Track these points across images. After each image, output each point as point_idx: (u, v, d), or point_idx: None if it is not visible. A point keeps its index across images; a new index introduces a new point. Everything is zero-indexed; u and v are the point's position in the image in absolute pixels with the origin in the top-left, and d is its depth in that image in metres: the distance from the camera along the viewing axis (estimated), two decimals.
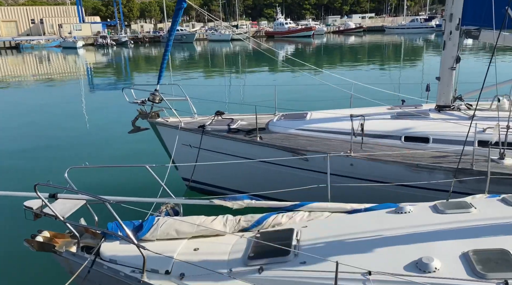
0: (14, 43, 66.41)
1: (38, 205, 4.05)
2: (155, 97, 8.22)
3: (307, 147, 6.67)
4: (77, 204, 4.12)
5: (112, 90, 25.08)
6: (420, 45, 55.43)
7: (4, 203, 8.04)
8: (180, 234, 4.01)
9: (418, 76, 25.07)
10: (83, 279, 3.74)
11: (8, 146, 12.81)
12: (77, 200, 4.12)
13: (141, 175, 9.21)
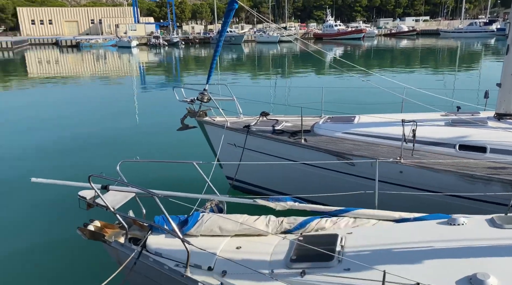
0: (75, 41, 70.67)
1: (91, 195, 4.26)
2: (204, 96, 8.37)
3: (353, 152, 6.51)
4: (127, 196, 4.28)
5: (162, 88, 25.95)
6: (478, 50, 52.52)
7: (61, 192, 8.49)
8: (224, 231, 4.05)
9: (475, 82, 23.76)
10: (130, 270, 3.87)
11: (65, 139, 13.59)
12: (127, 192, 4.28)
13: (187, 171, 9.43)
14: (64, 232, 7.13)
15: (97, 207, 4.10)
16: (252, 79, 29.57)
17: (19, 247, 6.93)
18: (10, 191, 9.42)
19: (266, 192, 8.03)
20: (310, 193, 7.36)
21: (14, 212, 8.38)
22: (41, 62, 47.02)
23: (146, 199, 4.51)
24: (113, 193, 4.27)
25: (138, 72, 36.89)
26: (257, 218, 4.16)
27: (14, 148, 12.65)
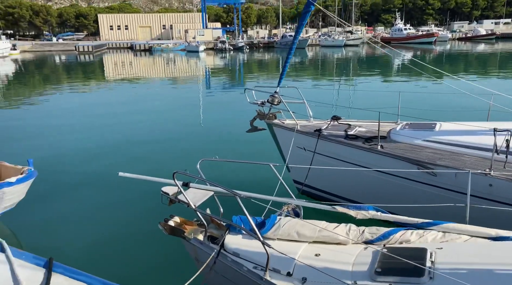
0: (147, 46, 74.94)
1: (173, 191, 4.39)
2: (274, 99, 8.36)
3: (436, 161, 6.09)
4: (206, 194, 4.35)
5: (230, 91, 26.60)
6: None
7: (142, 188, 8.90)
8: (301, 236, 3.95)
9: None
10: (210, 269, 3.91)
11: (144, 137, 14.34)
12: (206, 190, 4.35)
13: (257, 172, 9.55)
14: (146, 225, 7.42)
15: (179, 203, 4.20)
16: (320, 83, 29.16)
17: (103, 237, 7.31)
18: (98, 184, 10.07)
19: (335, 198, 7.81)
20: (384, 202, 7.02)
21: (101, 203, 8.87)
22: (118, 64, 50.47)
23: (223, 198, 4.57)
24: (194, 190, 4.36)
25: (204, 75, 38.11)
26: (336, 226, 4.01)
27: (99, 143, 13.58)
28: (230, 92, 26.49)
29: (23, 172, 6.83)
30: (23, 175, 6.73)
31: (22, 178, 6.67)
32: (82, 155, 12.25)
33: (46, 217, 8.16)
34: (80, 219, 8.10)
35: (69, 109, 20.04)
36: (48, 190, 9.44)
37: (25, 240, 7.19)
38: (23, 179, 6.70)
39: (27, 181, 6.82)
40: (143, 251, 6.78)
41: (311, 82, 29.14)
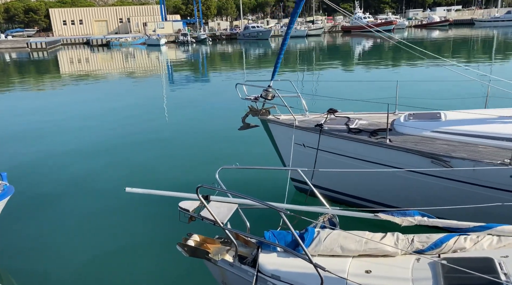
0: (105, 41, 71.73)
1: (192, 207, 3.83)
2: (268, 93, 7.87)
3: (450, 153, 5.84)
4: (231, 208, 3.82)
5: (204, 85, 25.75)
6: None
7: (153, 201, 7.78)
8: (345, 251, 3.52)
9: None
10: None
11: (119, 139, 13.40)
12: (230, 204, 3.81)
13: (266, 178, 8.97)
14: (159, 246, 6.59)
15: (202, 221, 3.65)
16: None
17: (113, 263, 6.32)
18: (83, 194, 9.15)
19: (343, 197, 7.46)
20: (400, 199, 6.73)
21: (93, 218, 7.87)
22: (74, 61, 47.83)
23: (246, 211, 4.05)
24: (215, 204, 3.81)
25: (167, 69, 36.82)
26: (383, 236, 3.60)
27: (70, 148, 12.52)
28: (204, 86, 25.66)
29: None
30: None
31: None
32: (55, 162, 11.24)
33: (27, 238, 7.24)
34: (67, 241, 7.12)
35: (29, 111, 18.55)
36: (26, 206, 8.46)
37: (8, 266, 6.31)
38: (0, 196, 5.82)
39: (3, 199, 5.94)
40: (159, 276, 5.86)
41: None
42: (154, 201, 7.11)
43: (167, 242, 5.55)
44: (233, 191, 3.47)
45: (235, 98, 8.37)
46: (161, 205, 7.35)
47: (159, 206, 7.54)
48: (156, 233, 7.04)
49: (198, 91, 23.14)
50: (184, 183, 9.26)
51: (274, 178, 9.02)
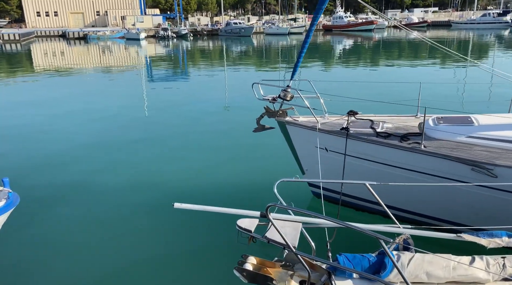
0: (82, 34, 69.32)
1: (250, 225, 3.36)
2: (287, 94, 7.41)
3: (494, 161, 5.55)
4: (296, 228, 3.35)
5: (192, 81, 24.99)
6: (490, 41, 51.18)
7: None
8: (432, 278, 3.12)
9: None
10: None
11: (106, 137, 12.66)
12: (294, 223, 3.34)
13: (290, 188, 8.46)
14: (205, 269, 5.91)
15: (269, 243, 3.17)
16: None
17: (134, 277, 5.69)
18: (92, 198, 8.44)
19: (371, 205, 7.08)
20: (439, 210, 6.40)
21: (152, 242, 6.81)
22: (48, 54, 45.84)
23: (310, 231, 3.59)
24: (279, 223, 3.33)
25: (145, 64, 35.75)
26: (471, 260, 3.22)
27: (62, 147, 11.70)
28: (186, 82, 24.93)
29: (1, 197, 5.21)
30: (3, 201, 5.12)
31: (5, 205, 5.08)
32: (53, 164, 10.42)
33: (34, 248, 6.50)
34: (80, 257, 6.33)
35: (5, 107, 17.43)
36: (31, 213, 7.67)
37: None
38: (6, 206, 5.11)
39: (9, 209, 5.22)
40: None
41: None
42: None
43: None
44: (307, 211, 3.00)
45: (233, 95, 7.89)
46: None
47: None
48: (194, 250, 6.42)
49: (182, 89, 22.41)
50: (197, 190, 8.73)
51: (291, 183, 8.60)
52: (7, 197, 5.19)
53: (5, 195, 5.21)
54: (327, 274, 3.22)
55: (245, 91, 20.11)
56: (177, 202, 3.34)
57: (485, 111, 7.45)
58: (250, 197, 8.17)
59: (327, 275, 3.22)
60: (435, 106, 7.95)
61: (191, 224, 7.12)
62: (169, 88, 22.28)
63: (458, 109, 7.28)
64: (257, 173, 9.41)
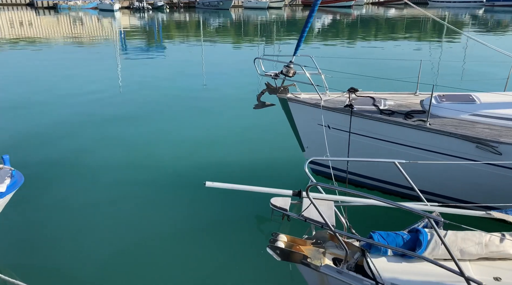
0: (52, 3, 65.80)
1: (283, 204, 3.33)
2: (290, 70, 7.30)
3: (498, 138, 5.68)
4: (330, 206, 3.33)
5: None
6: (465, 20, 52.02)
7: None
8: (465, 255, 3.18)
9: None
10: None
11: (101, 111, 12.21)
12: (327, 201, 3.32)
13: (279, 159, 8.37)
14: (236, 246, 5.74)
15: (306, 222, 3.14)
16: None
17: (190, 267, 5.41)
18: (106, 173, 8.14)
19: (376, 183, 7.16)
20: (442, 187, 6.49)
21: (182, 218, 6.68)
22: (15, 24, 43.36)
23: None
24: (308, 201, 3.30)
25: (119, 37, 34.43)
26: (501, 236, 3.29)
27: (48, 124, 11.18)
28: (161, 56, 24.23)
29: (4, 175, 4.91)
30: (7, 180, 4.83)
31: (10, 184, 4.79)
32: (41, 140, 9.99)
33: (38, 236, 6.20)
34: (83, 236, 6.13)
35: None
36: (32, 192, 7.32)
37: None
38: (12, 185, 4.82)
39: (14, 189, 4.93)
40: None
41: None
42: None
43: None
44: (350, 189, 2.97)
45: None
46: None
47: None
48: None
49: (159, 64, 21.78)
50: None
51: (288, 160, 8.62)
52: (11, 175, 4.91)
53: (7, 173, 4.93)
54: (360, 251, 3.24)
55: (227, 66, 19.84)
56: (208, 181, 3.24)
57: (481, 89, 7.57)
58: (251, 174, 8.14)
59: (360, 252, 3.24)
60: (431, 83, 8.05)
61: (209, 200, 7.06)
62: (146, 63, 21.53)
63: (454, 86, 7.36)
64: (256, 150, 9.35)
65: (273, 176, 8.10)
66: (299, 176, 8.15)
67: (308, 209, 3.19)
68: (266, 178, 7.99)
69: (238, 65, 20.23)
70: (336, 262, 3.32)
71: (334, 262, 3.31)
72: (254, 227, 6.25)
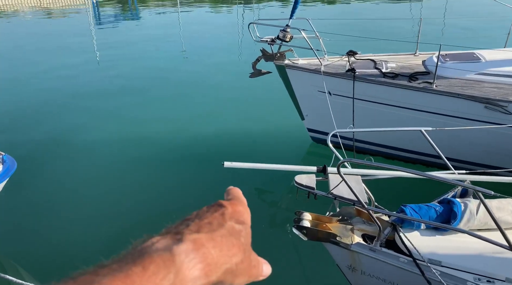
0: None
1: (308, 181, 3.13)
2: (286, 34, 6.94)
3: (507, 97, 5.55)
4: (359, 181, 3.14)
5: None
6: None
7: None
8: (501, 224, 3.05)
9: None
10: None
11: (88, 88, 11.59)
12: (356, 176, 3.13)
13: (279, 129, 8.04)
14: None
15: (335, 199, 2.96)
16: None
17: None
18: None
19: (378, 148, 7.02)
20: (450, 151, 6.32)
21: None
22: None
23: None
24: (336, 177, 3.11)
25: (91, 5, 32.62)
26: None
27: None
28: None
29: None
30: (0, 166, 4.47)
31: (3, 171, 4.44)
32: (29, 119, 9.47)
33: (35, 221, 5.88)
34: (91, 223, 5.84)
35: None
36: (27, 176, 6.88)
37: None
38: (4, 172, 4.47)
39: (8, 175, 4.58)
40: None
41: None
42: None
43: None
44: (383, 164, 2.77)
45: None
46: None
47: None
48: None
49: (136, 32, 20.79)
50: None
51: (287, 129, 8.39)
52: (2, 160, 4.55)
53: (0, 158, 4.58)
54: (391, 226, 3.10)
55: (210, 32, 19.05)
56: (226, 161, 2.98)
57: (481, 47, 7.37)
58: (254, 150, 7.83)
59: (391, 227, 3.10)
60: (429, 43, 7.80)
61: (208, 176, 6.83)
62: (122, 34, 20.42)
63: (453, 45, 7.13)
64: (254, 121, 9.02)
65: (273, 148, 7.87)
66: (300, 146, 7.97)
67: (340, 186, 3.01)
68: (267, 150, 7.75)
69: (222, 30, 19.49)
70: (366, 238, 3.19)
71: (363, 239, 3.17)
72: (274, 206, 6.09)
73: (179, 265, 0.44)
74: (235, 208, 0.57)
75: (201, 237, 0.49)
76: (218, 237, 0.50)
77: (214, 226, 0.51)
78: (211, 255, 0.47)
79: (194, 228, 0.50)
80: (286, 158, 7.50)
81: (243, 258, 0.51)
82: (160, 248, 0.46)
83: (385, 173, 3.09)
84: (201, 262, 0.46)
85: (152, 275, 0.42)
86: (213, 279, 0.47)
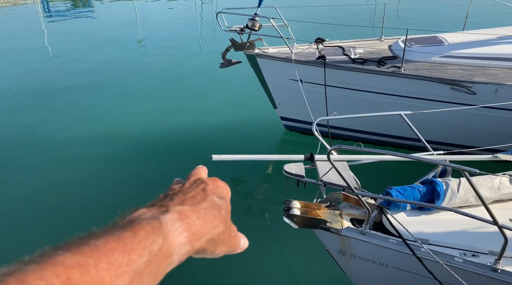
0: None
1: (297, 170, 3.14)
2: (255, 23, 6.87)
3: (471, 78, 5.79)
4: (345, 167, 3.18)
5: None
6: None
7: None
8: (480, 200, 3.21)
9: None
10: (386, 265, 2.95)
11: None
12: (341, 162, 3.17)
13: (252, 118, 7.93)
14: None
15: (326, 186, 2.98)
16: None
17: None
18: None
19: (354, 134, 7.13)
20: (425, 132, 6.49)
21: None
22: None
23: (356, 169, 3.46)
24: (324, 164, 3.14)
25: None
26: (510, 178, 3.34)
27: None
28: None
29: None
30: None
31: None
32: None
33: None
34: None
35: None
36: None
37: None
38: None
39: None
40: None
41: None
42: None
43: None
44: (374, 149, 2.81)
45: None
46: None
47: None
48: None
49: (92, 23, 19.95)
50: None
51: (260, 119, 8.37)
52: None
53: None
54: (378, 209, 3.17)
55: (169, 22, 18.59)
56: (214, 154, 2.91)
57: (442, 30, 7.64)
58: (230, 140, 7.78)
59: (378, 210, 3.17)
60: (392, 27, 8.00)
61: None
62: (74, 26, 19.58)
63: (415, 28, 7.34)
64: (227, 113, 8.91)
65: (247, 138, 7.82)
66: (274, 135, 7.99)
67: (329, 173, 3.03)
68: (241, 141, 7.70)
69: (180, 21, 19.04)
70: (354, 222, 3.24)
71: (352, 223, 3.23)
72: (263, 196, 6.08)
73: (166, 232, 0.48)
74: (216, 183, 0.64)
75: (186, 209, 0.53)
76: (201, 210, 0.54)
77: (197, 199, 0.56)
78: (195, 225, 0.52)
79: (178, 201, 0.55)
80: (260, 147, 7.51)
81: (224, 229, 0.56)
82: (149, 217, 0.49)
83: (371, 157, 3.15)
84: (186, 230, 0.50)
85: (142, 240, 0.45)
86: (197, 247, 0.52)
